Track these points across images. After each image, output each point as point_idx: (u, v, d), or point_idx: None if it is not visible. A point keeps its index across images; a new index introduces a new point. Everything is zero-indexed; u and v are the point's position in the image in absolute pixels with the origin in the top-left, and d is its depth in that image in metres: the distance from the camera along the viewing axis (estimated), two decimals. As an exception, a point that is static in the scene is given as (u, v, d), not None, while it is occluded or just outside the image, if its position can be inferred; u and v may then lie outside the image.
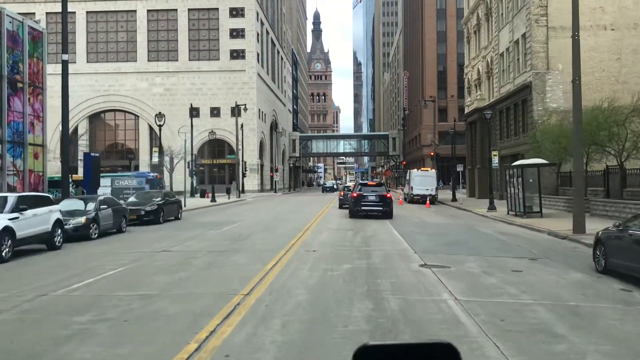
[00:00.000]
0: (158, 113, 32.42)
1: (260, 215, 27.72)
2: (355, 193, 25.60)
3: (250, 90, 76.65)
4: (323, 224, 21.94)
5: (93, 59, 78.75)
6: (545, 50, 32.14)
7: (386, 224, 21.95)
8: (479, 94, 44.10)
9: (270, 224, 21.90)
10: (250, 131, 76.01)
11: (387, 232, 18.82)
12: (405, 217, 26.97)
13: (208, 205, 38.18)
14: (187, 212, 30.56)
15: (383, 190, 25.85)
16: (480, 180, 43.52)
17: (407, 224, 22.68)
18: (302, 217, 25.90)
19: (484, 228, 21.19)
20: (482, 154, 43.75)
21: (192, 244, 15.55)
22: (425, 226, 21.77)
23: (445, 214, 30.35)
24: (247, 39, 77.01)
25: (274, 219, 24.34)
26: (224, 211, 31.79)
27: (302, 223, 21.98)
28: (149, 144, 77.74)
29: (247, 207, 36.63)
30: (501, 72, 39.40)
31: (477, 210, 31.47)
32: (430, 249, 14.33)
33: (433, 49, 77.86)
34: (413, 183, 40.84)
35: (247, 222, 23.28)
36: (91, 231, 17.09)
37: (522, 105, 34.80)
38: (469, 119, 47.08)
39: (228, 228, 20.15)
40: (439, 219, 25.88)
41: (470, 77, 48.41)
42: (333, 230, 18.93)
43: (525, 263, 12.22)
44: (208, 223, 22.95)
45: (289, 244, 14.75)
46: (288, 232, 18.38)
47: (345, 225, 21.49)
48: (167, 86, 76.91)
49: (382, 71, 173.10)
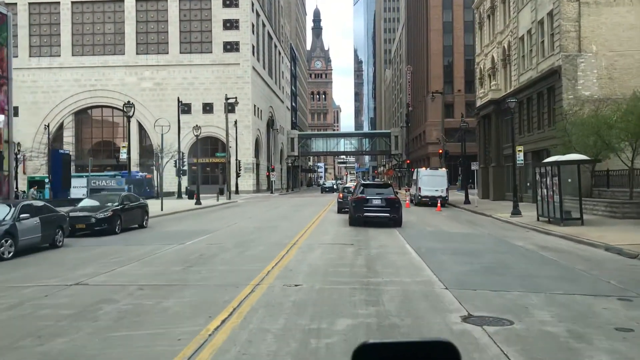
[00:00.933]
0: (127, 102, 28.04)
1: (243, 222, 23.33)
2: (356, 196, 21.21)
3: (244, 84, 72.31)
4: (316, 235, 17.54)
5: (78, 52, 74.48)
6: (577, 29, 27.71)
7: (395, 235, 17.56)
8: (494, 84, 39.69)
9: (249, 235, 17.49)
10: (244, 128, 71.70)
11: (398, 248, 14.41)
12: (416, 224, 22.58)
13: (190, 209, 33.82)
14: (160, 218, 26.21)
15: (390, 193, 21.44)
16: (496, 180, 39.13)
17: (422, 234, 18.28)
18: (293, 224, 21.50)
19: (518, 240, 16.78)
20: (498, 150, 39.39)
21: (128, 269, 11.14)
22: (444, 237, 17.36)
23: (461, 219, 25.95)
24: (242, 31, 72.69)
25: (257, 228, 19.94)
26: (205, 216, 27.41)
27: (290, 234, 17.58)
28: (138, 142, 73.53)
29: (234, 211, 32.27)
30: (520, 59, 35.00)
31: (498, 214, 27.06)
32: (466, 279, 9.94)
33: (439, 41, 73.37)
34: (421, 183, 36.46)
35: (222, 232, 18.89)
36: (2, 249, 12.72)
37: (547, 94, 30.40)
38: (481, 112, 42.68)
39: (193, 242, 15.75)
40: (458, 227, 21.47)
41: (482, 67, 43.99)
42: (327, 246, 14.50)
43: (620, 308, 7.84)
44: (174, 234, 18.57)
45: (263, 272, 10.35)
46: (268, 249, 13.98)
47: (344, 236, 17.09)
48: (157, 80, 72.60)
49: (383, 68, 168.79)
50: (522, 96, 34.76)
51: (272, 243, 15.11)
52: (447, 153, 45.81)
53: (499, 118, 39.23)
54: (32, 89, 73.04)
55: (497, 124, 39.29)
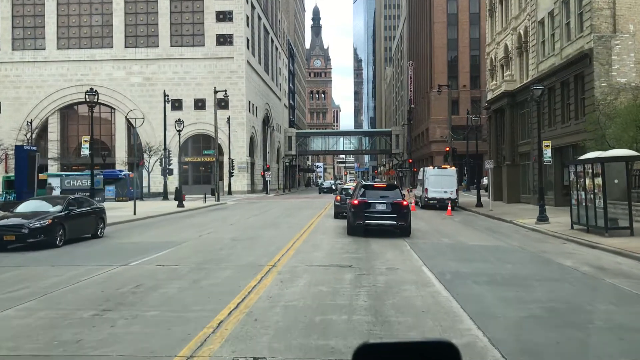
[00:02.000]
0: (90, 89, 24.34)
1: (221, 230, 19.54)
2: (356, 200, 17.46)
3: (238, 79, 68.56)
4: (305, 250, 13.77)
5: (64, 45, 70.72)
6: (612, 6, 23.97)
7: (406, 251, 13.83)
8: (508, 74, 35.94)
9: (220, 251, 13.72)
10: (238, 125, 67.95)
11: (413, 273, 10.64)
12: (427, 233, 18.84)
13: (169, 212, 30.08)
14: (127, 225, 22.48)
15: (396, 195, 17.69)
16: (510, 181, 35.39)
17: (439, 249, 14.52)
18: (280, 234, 17.74)
19: (563, 258, 13.06)
20: (512, 148, 35.69)
21: (6, 316, 7.37)
22: (468, 254, 13.60)
23: (478, 226, 22.23)
24: (236, 23, 68.92)
25: (234, 240, 16.16)
26: (181, 222, 23.65)
27: (272, 249, 13.84)
28: (126, 140, 69.80)
29: (218, 215, 28.52)
30: (540, 45, 31.27)
31: (521, 220, 23.33)
32: (531, 339, 6.21)
33: (443, 34, 69.60)
34: (428, 184, 32.75)
35: (189, 245, 15.12)
36: None
37: (575, 82, 26.66)
38: (493, 106, 38.94)
39: (141, 262, 12.00)
40: (479, 238, 17.72)
41: (494, 57, 40.23)
42: (317, 270, 10.72)
43: None
44: (128, 248, 14.83)
45: (210, 325, 6.59)
46: (235, 275, 10.23)
47: (341, 253, 13.31)
48: (147, 75, 68.85)
49: (383, 66, 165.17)
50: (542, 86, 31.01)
51: (243, 265, 11.34)
52: (455, 151, 42.08)
53: (513, 112, 35.52)
54: (15, 83, 69.36)
55: (512, 118, 35.56)
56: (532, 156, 32.26)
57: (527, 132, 34.12)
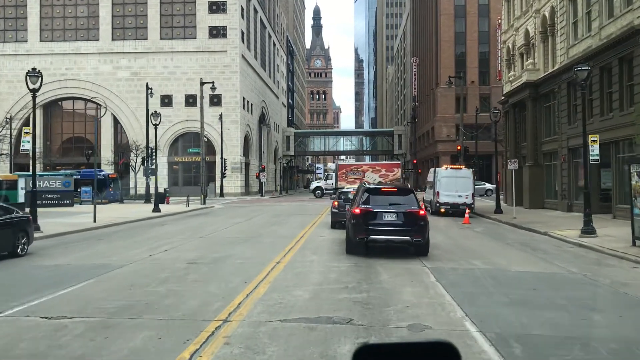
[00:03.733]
0: (32, 69, 20.12)
1: (181, 247, 15.07)
2: (357, 207, 13.21)
3: (232, 74, 64.36)
4: (283, 287, 9.33)
5: (47, 37, 66.62)
6: (669, -28, 19.74)
7: (432, 286, 9.53)
8: (530, 62, 31.65)
9: (154, 290, 9.21)
10: (232, 123, 63.77)
11: (455, 337, 6.34)
12: (450, 251, 14.58)
13: (139, 219, 25.78)
14: (79, 235, 18.26)
15: (410, 203, 13.40)
16: (533, 183, 31.11)
17: (477, 281, 10.18)
18: (256, 254, 13.42)
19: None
20: (535, 146, 31.43)
21: None
22: (524, 292, 9.24)
23: (509, 240, 17.95)
24: (230, 14, 64.77)
25: (189, 264, 11.80)
26: (144, 232, 19.38)
27: (236, 282, 9.55)
28: (112, 138, 65.66)
29: (194, 223, 24.22)
30: (571, 26, 27.02)
31: (558, 232, 19.07)
32: None
33: (450, 26, 65.33)
34: (439, 187, 28.51)
35: (122, 274, 10.75)
36: None
37: (619, 66, 22.39)
38: (511, 99, 34.66)
39: (22, 310, 7.69)
40: (522, 260, 13.40)
41: (512, 45, 35.95)
42: (295, 334, 6.39)
43: None
44: (38, 276, 10.58)
45: None
46: (151, 346, 5.96)
47: (334, 293, 8.87)
48: (135, 69, 64.66)
49: (385, 66, 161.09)
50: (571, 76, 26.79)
51: (176, 320, 7.02)
52: (467, 150, 37.84)
53: (536, 105, 31.25)
54: (-6, 77, 65.36)
55: (534, 112, 31.30)
56: (561, 155, 28.04)
57: (552, 128, 29.87)
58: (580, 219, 24.24)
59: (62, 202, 34.76)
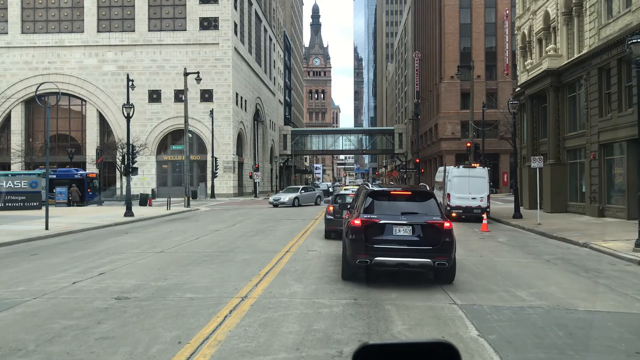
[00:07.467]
0: None
1: (123, 269, 11.35)
2: (357, 218, 9.60)
3: (224, 68, 60.84)
4: (240, 351, 5.86)
5: (29, 29, 63.08)
6: None
7: (472, 342, 6.00)
8: (551, 47, 28.08)
9: (27, 356, 5.81)
10: (224, 120, 60.24)
11: None
12: (480, 273, 10.99)
13: (105, 225, 22.19)
14: (14, 247, 14.70)
15: (431, 211, 9.70)
16: (554, 184, 27.56)
17: (538, 332, 6.64)
18: (218, 281, 9.73)
19: None
20: (557, 142, 27.90)
21: None
22: (623, 357, 5.79)
23: (545, 254, 14.39)
24: (221, 5, 61.27)
25: (124, 296, 8.26)
26: (96, 244, 15.81)
27: (169, 338, 6.05)
28: (98, 136, 62.04)
29: (163, 230, 20.62)
30: (602, 3, 23.49)
31: (603, 244, 15.52)
32: None
33: (455, 17, 61.78)
34: (450, 187, 25.02)
35: (8, 316, 7.27)
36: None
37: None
38: (528, 90, 31.11)
39: None
40: (582, 288, 9.79)
41: (529, 30, 32.41)
42: None
43: None
44: None
45: None
46: None
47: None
48: (121, 63, 61.10)
49: (385, 63, 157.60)
50: (602, 61, 23.28)
51: None
52: (478, 147, 34.30)
53: (558, 96, 27.71)
54: (-21, 71, 61.92)
55: (556, 104, 27.75)
56: (590, 152, 24.49)
57: (579, 121, 26.35)
58: (618, 225, 20.78)
59: (29, 205, 31.19)
